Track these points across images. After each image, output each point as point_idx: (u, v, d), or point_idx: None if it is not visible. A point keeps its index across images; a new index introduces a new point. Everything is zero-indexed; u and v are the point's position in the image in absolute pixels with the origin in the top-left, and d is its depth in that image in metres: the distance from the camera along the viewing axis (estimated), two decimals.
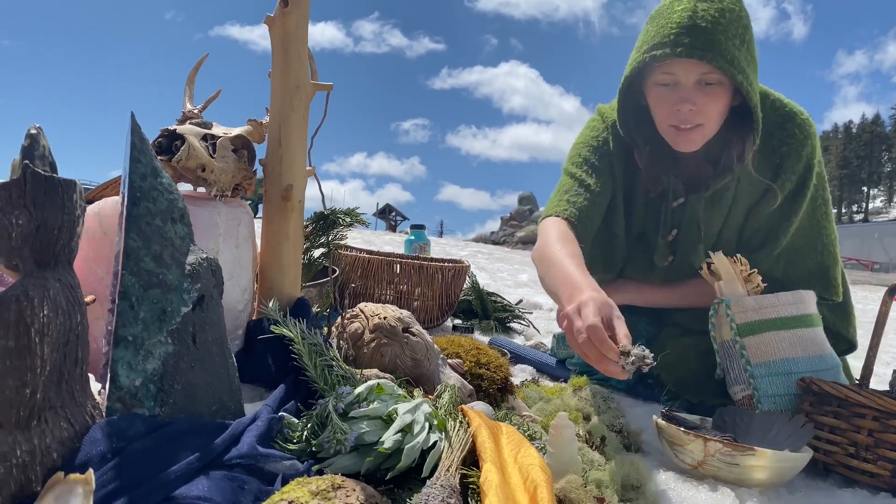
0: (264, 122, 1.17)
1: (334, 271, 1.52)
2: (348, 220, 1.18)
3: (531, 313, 2.68)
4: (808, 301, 1.46)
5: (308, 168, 1.17)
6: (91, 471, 0.55)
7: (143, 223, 0.77)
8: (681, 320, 1.64)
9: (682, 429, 1.16)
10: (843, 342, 1.62)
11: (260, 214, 1.20)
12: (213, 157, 1.03)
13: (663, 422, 1.21)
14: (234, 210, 1.08)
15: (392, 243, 6.40)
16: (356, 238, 5.92)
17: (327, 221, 1.18)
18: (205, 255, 0.82)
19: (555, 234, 1.49)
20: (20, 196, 0.62)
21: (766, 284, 1.48)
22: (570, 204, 1.58)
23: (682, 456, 1.16)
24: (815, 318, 1.46)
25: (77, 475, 0.56)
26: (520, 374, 1.78)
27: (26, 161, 0.63)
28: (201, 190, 1.13)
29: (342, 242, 1.35)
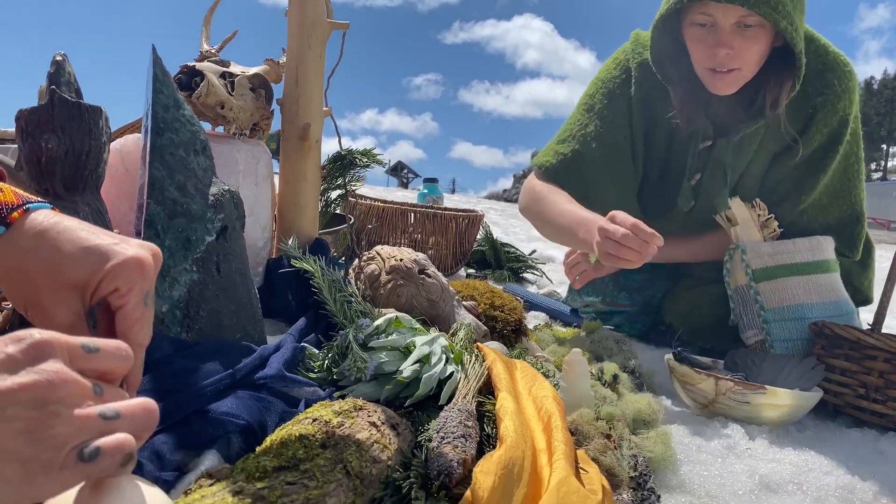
0: (281, 61, 1.17)
1: (350, 219, 1.53)
2: (365, 160, 1.19)
3: (544, 264, 2.70)
4: (824, 247, 1.46)
5: (325, 108, 1.17)
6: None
7: (167, 153, 0.78)
8: (696, 271, 1.65)
9: (695, 368, 1.18)
10: (859, 295, 1.62)
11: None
12: (231, 95, 1.03)
13: (675, 362, 1.23)
14: (253, 148, 1.09)
15: (404, 199, 6.39)
16: (368, 194, 5.91)
17: (344, 162, 1.19)
18: (227, 187, 0.83)
19: (542, 187, 1.57)
20: (48, 121, 0.64)
21: (782, 230, 1.48)
22: (558, 155, 1.61)
23: (694, 395, 1.18)
24: (832, 265, 1.46)
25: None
26: (532, 320, 1.80)
27: (53, 87, 0.64)
28: (219, 130, 1.14)
29: (356, 189, 1.36)
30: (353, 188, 1.24)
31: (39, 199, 0.59)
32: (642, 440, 0.97)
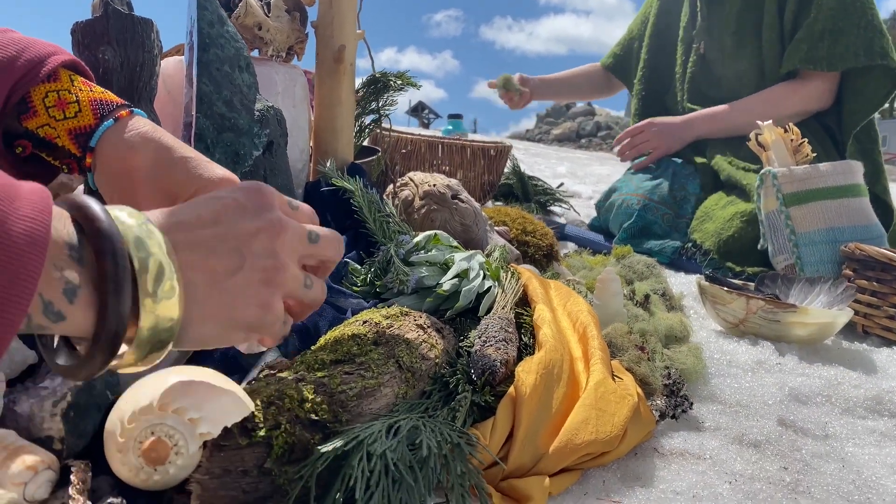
0: None
1: (378, 150, 1.54)
2: (399, 82, 1.19)
3: (571, 197, 2.70)
4: (856, 171, 1.46)
5: (358, 31, 1.17)
6: None
7: (213, 69, 0.79)
8: (727, 175, 1.68)
9: (725, 288, 1.20)
10: (882, 207, 1.65)
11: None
12: (268, 17, 1.04)
13: (706, 282, 1.25)
14: (290, 70, 1.10)
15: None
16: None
17: (378, 86, 1.19)
18: (270, 104, 0.85)
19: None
20: (104, 33, 0.65)
21: (815, 154, 1.47)
22: (611, 54, 2.17)
23: (724, 314, 1.20)
24: (862, 188, 1.45)
25: None
26: (562, 249, 1.82)
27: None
28: (254, 54, 1.15)
29: (389, 114, 1.36)
30: (387, 113, 1.25)
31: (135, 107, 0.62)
32: (674, 353, 1.00)
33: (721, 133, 1.74)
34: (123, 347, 0.37)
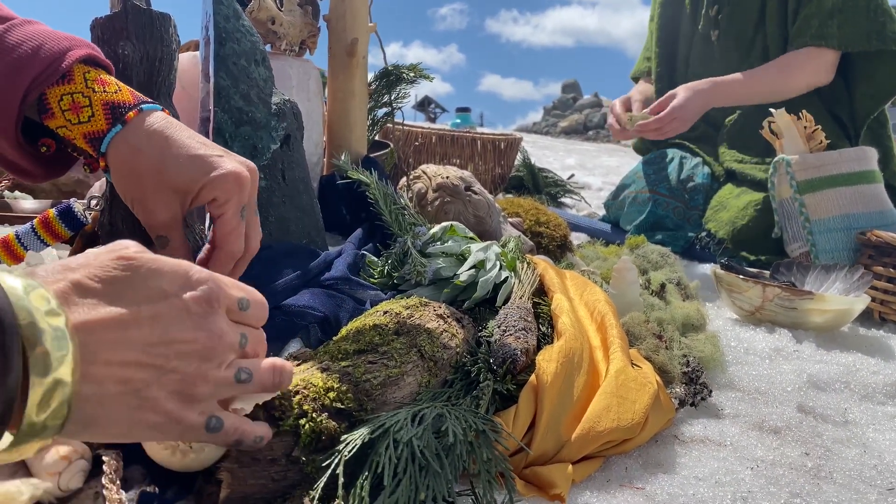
0: None
1: (389, 144, 1.55)
2: (412, 75, 1.19)
3: (582, 188, 2.70)
4: (870, 157, 1.45)
5: (370, 24, 1.18)
6: None
7: (230, 63, 0.80)
8: (739, 171, 1.67)
9: (741, 276, 1.20)
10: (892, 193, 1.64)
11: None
12: (280, 11, 1.04)
13: (722, 271, 1.25)
14: (304, 64, 1.10)
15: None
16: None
17: (391, 78, 1.20)
18: (287, 98, 0.85)
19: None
20: (123, 28, 0.66)
21: (829, 141, 1.46)
22: (643, 60, 2.09)
23: (740, 302, 1.20)
24: (877, 175, 1.45)
25: None
26: (574, 240, 1.82)
27: None
28: (267, 48, 1.15)
29: (401, 107, 1.37)
30: (399, 106, 1.25)
31: (152, 100, 0.62)
32: (691, 342, 1.00)
33: (738, 100, 1.72)
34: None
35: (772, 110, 1.47)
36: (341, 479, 0.49)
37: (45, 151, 0.63)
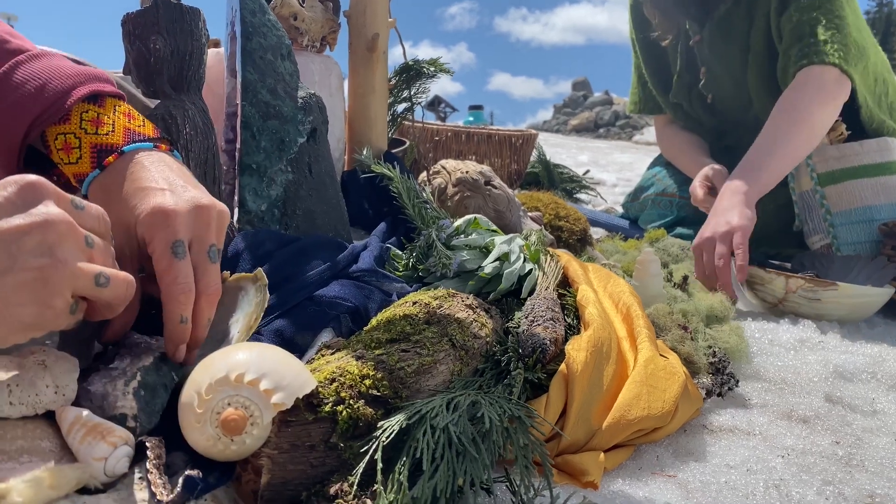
0: None
1: (405, 142, 1.55)
2: (432, 69, 1.20)
3: (598, 184, 2.69)
4: (892, 148, 1.44)
5: (390, 20, 1.18)
6: (260, 269, 0.61)
7: (257, 57, 0.81)
8: None
9: (764, 268, 1.19)
10: None
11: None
12: (302, 7, 1.05)
13: None
14: (325, 60, 1.11)
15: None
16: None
17: (411, 73, 1.20)
18: (312, 91, 0.86)
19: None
20: (154, 22, 0.66)
21: (849, 132, 1.45)
22: (633, 104, 1.92)
23: (763, 294, 1.20)
24: None
25: (245, 273, 0.62)
26: (593, 235, 1.82)
27: None
28: None
29: (421, 102, 1.37)
30: (419, 101, 1.25)
31: (149, 135, 0.61)
32: (716, 333, 0.99)
33: (783, 173, 1.44)
34: None
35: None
36: (380, 465, 0.50)
37: (56, 181, 0.64)
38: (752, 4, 1.51)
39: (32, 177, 0.45)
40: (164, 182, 0.56)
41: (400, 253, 0.95)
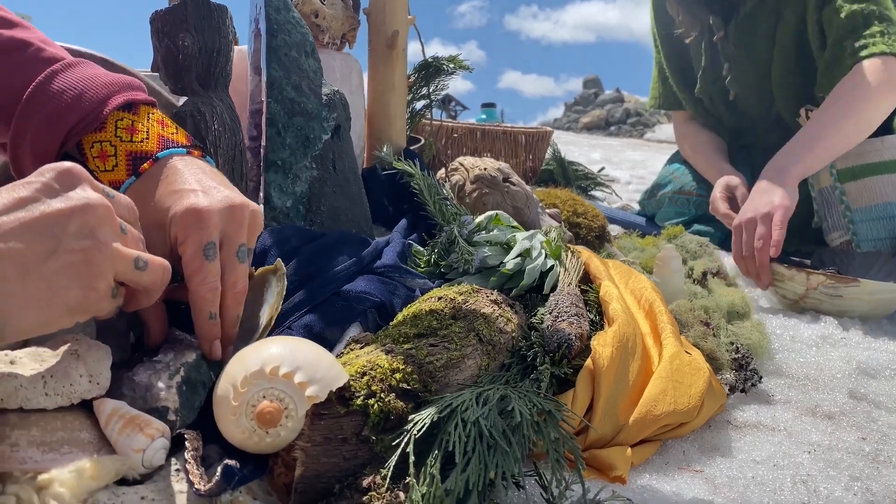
0: None
1: (420, 139, 1.55)
2: (452, 66, 1.20)
3: (613, 181, 2.69)
4: None
5: (409, 17, 1.18)
6: (280, 259, 0.62)
7: (282, 54, 0.81)
8: None
9: (784, 264, 1.19)
10: None
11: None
12: (323, 5, 1.05)
13: None
14: (346, 58, 1.11)
15: None
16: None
17: (430, 70, 1.20)
18: (336, 88, 0.86)
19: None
20: (183, 20, 0.67)
21: None
22: (653, 98, 1.91)
23: (784, 291, 1.19)
24: None
25: (267, 266, 0.63)
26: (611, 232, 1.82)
27: None
28: None
29: (439, 98, 1.37)
30: (437, 98, 1.25)
31: (182, 142, 0.62)
32: (738, 329, 0.99)
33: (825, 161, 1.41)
34: None
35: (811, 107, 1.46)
36: (412, 458, 0.50)
37: None
38: (781, 0, 1.50)
39: (69, 163, 0.46)
40: (197, 184, 0.57)
41: (421, 249, 0.95)
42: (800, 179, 1.30)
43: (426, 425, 0.52)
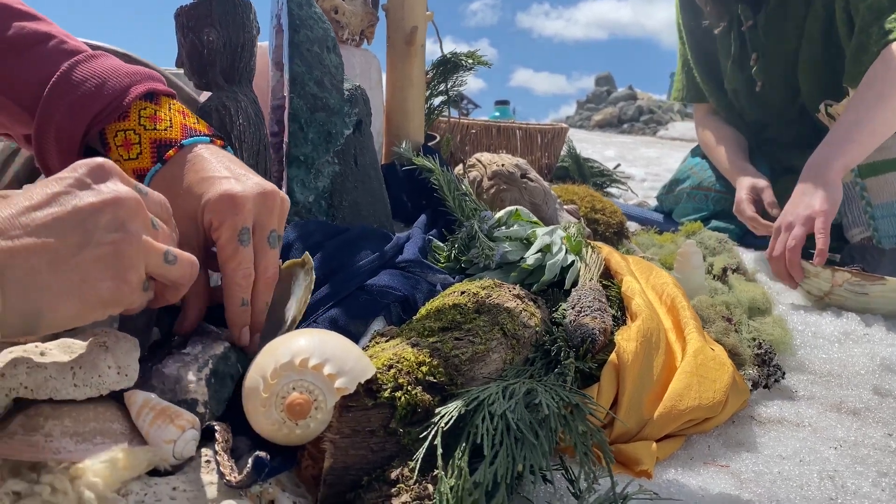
0: None
1: (435, 136, 1.55)
2: (470, 61, 1.20)
3: (629, 178, 2.68)
4: None
5: (428, 13, 1.18)
6: (307, 253, 0.62)
7: (304, 49, 0.81)
8: (798, 165, 1.62)
9: (810, 261, 1.18)
10: None
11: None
12: (343, 1, 1.05)
13: None
14: (365, 54, 1.12)
15: None
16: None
17: (448, 66, 1.20)
18: (357, 84, 0.86)
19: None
20: (207, 15, 0.67)
21: None
22: (677, 90, 1.92)
23: (808, 287, 1.18)
24: None
25: (295, 260, 0.63)
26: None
27: None
28: None
29: (457, 93, 1.37)
30: (455, 94, 1.25)
31: (203, 131, 0.62)
32: (759, 325, 0.99)
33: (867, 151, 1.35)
34: None
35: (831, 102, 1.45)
36: (440, 450, 0.50)
37: None
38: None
39: (101, 159, 0.46)
40: (227, 171, 0.57)
41: (441, 245, 0.95)
42: (842, 173, 1.26)
43: (454, 418, 0.52)
